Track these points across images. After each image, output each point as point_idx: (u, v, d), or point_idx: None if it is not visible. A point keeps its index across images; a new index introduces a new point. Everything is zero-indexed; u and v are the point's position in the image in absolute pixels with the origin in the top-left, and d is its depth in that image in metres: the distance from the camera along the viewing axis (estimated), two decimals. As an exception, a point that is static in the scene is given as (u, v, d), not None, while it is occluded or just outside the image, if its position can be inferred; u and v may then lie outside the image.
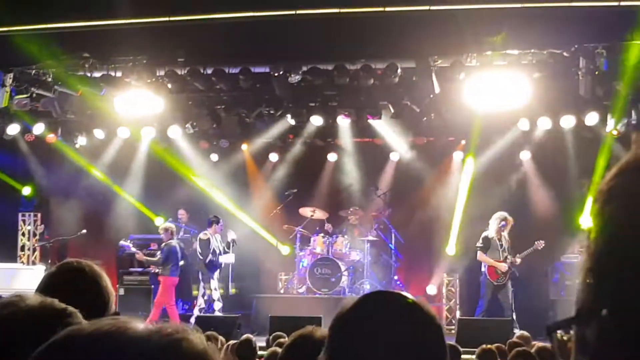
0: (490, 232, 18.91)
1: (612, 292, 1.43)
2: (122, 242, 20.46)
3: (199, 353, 1.69)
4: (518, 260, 18.93)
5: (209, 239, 20.15)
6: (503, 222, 18.87)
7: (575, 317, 1.49)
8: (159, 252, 20.18)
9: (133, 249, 20.23)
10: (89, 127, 21.90)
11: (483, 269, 18.91)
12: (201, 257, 20.08)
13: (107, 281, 3.89)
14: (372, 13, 17.05)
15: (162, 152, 22.35)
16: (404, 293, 2.45)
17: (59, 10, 17.67)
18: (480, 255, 18.94)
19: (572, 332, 1.49)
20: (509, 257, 18.86)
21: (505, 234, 18.95)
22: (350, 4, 17.03)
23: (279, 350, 8.71)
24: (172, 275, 19.86)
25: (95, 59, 19.49)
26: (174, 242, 20.18)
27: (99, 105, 20.05)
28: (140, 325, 1.69)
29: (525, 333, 12.34)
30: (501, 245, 18.89)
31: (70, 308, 2.76)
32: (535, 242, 19.03)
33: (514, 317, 18.44)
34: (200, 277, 20.29)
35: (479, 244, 18.96)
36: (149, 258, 20.27)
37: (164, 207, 22.87)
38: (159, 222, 22.62)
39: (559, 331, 1.51)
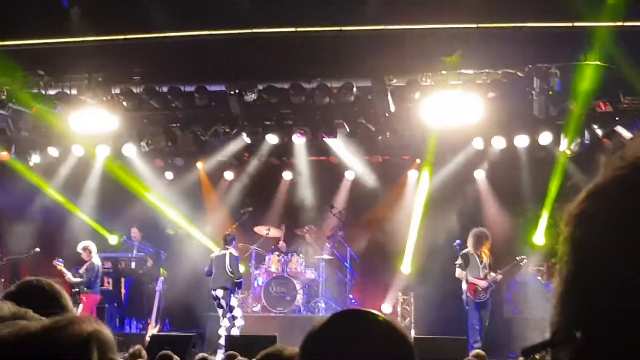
0: (469, 248, 18.91)
1: (585, 315, 1.45)
2: (55, 261, 20.25)
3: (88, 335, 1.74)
4: (499, 277, 18.94)
5: (238, 257, 19.96)
6: (481, 238, 18.88)
7: (550, 340, 1.51)
8: (82, 270, 20.02)
9: (62, 269, 20.00)
10: (43, 144, 21.77)
11: (464, 287, 18.86)
12: (231, 275, 19.64)
13: (67, 299, 3.87)
14: (328, 32, 17.13)
15: (116, 170, 22.23)
16: (375, 311, 2.45)
17: (14, 28, 17.59)
18: (458, 273, 18.84)
19: (547, 354, 1.51)
20: (490, 273, 18.86)
21: (485, 250, 18.93)
22: (306, 23, 17.08)
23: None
24: (96, 293, 19.82)
25: (51, 76, 19.36)
26: (98, 261, 20.12)
27: (54, 123, 19.91)
28: (36, 323, 1.73)
29: (481, 352, 12.39)
30: (481, 262, 18.87)
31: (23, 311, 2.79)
32: (517, 258, 19.10)
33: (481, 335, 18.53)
34: (227, 295, 19.81)
35: (457, 262, 18.91)
36: (75, 280, 20.04)
37: (118, 225, 22.76)
38: (113, 240, 22.53)
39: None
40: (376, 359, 2.32)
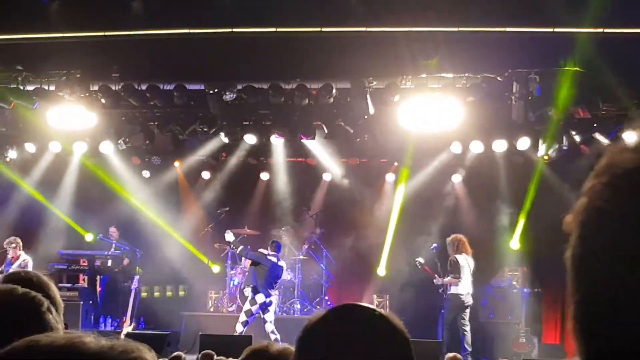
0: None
1: (589, 304, 1.46)
2: None
3: None
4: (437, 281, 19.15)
5: None
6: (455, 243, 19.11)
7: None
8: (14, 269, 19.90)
9: None
10: (20, 140, 21.65)
11: None
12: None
13: (55, 292, 3.86)
14: (308, 33, 17.09)
15: (93, 167, 22.14)
16: (372, 306, 2.45)
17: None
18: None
19: None
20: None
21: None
22: (286, 23, 17.05)
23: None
24: None
25: (29, 72, 19.24)
26: (27, 257, 20.02)
27: (31, 119, 19.81)
28: (93, 341, 1.72)
29: (458, 355, 12.40)
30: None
31: (33, 292, 2.86)
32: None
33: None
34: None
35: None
36: None
37: (94, 223, 22.63)
38: (89, 237, 22.43)
39: None
40: (374, 353, 2.31)
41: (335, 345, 2.30)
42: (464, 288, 18.80)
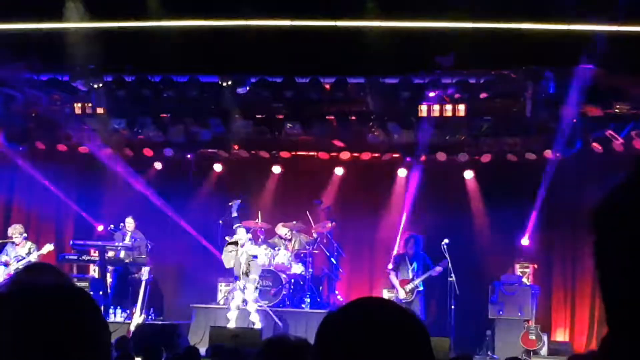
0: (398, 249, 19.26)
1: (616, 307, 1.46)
2: None
3: None
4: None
5: None
6: (410, 239, 19.25)
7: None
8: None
9: None
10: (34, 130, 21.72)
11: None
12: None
13: (73, 283, 3.93)
14: (323, 27, 17.14)
15: (106, 158, 22.14)
16: (392, 301, 2.45)
17: (7, 11, 17.54)
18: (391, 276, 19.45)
19: None
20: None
21: (415, 251, 19.30)
22: (301, 17, 17.08)
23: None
24: None
25: (43, 62, 19.31)
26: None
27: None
28: None
29: (466, 354, 12.40)
30: (411, 264, 19.18)
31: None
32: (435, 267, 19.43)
33: None
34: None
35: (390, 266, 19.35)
36: None
37: (105, 214, 22.65)
38: (100, 228, 22.44)
39: None
40: (394, 348, 2.31)
41: (355, 340, 2.30)
42: None
